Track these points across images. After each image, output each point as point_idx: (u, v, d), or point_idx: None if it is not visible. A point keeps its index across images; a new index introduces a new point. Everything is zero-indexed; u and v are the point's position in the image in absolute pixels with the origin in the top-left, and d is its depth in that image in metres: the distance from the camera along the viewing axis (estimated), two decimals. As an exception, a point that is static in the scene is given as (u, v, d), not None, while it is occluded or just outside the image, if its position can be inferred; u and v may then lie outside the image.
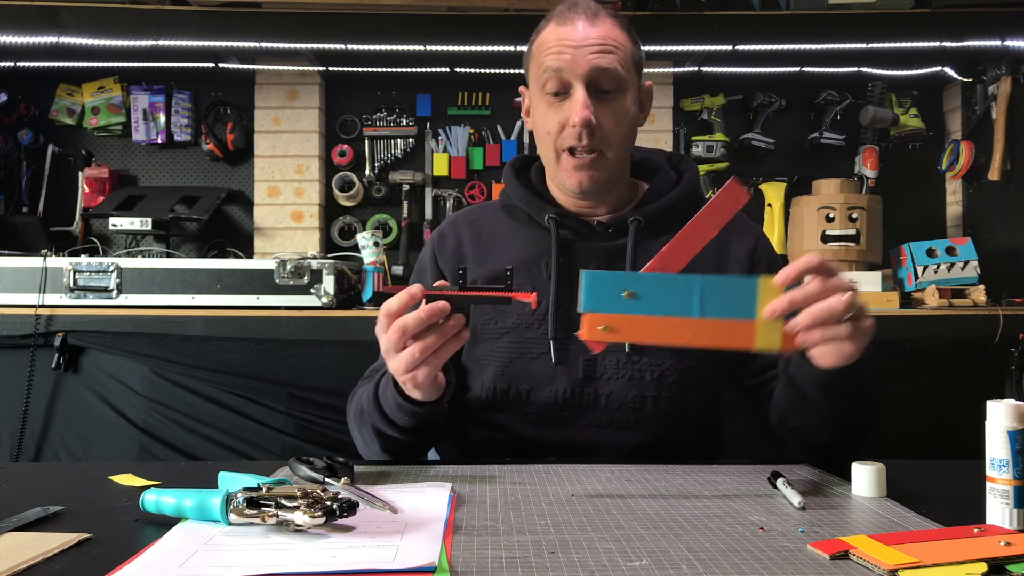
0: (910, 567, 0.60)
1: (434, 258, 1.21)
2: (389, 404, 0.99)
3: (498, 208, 1.25)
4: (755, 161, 2.86)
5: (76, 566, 0.63)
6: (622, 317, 0.82)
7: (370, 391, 1.04)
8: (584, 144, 1.09)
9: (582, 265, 1.15)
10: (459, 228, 1.23)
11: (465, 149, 2.82)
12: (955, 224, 2.81)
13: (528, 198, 1.19)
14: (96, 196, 2.72)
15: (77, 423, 2.17)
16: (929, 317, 2.24)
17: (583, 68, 1.07)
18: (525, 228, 1.19)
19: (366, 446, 1.08)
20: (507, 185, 1.23)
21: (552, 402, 1.11)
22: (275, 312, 2.16)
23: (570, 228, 1.16)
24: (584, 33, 1.08)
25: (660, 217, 1.16)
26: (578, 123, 1.07)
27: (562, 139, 1.10)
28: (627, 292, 0.82)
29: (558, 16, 1.12)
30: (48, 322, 2.14)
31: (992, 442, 0.72)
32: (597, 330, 0.83)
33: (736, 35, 2.47)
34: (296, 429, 2.16)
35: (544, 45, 1.11)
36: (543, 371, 1.11)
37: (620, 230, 1.16)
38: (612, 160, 1.12)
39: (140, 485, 0.88)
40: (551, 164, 1.15)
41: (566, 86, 1.09)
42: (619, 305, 0.82)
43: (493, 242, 1.19)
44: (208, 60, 2.62)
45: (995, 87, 2.60)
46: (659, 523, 0.74)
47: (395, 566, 0.61)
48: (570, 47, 1.08)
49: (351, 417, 1.12)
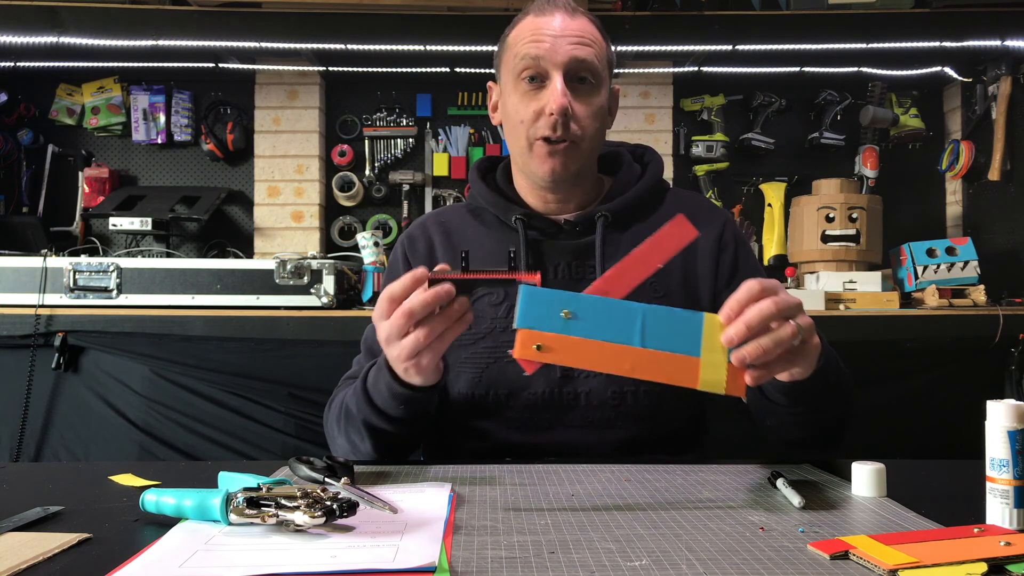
0: (910, 567, 0.60)
1: (406, 260, 1.21)
2: (382, 395, 0.97)
3: (464, 211, 1.24)
4: (755, 161, 2.86)
5: (76, 566, 0.63)
6: (558, 337, 0.79)
7: (357, 388, 1.03)
8: (558, 134, 1.08)
9: (552, 264, 1.15)
10: (429, 230, 1.22)
11: (465, 149, 2.82)
12: (955, 224, 2.82)
13: (494, 199, 1.18)
14: (96, 196, 2.72)
15: (77, 423, 2.17)
16: (929, 317, 2.24)
17: (562, 57, 1.08)
18: (492, 230, 1.19)
19: (352, 448, 1.07)
20: (473, 187, 1.23)
21: (532, 405, 1.11)
22: (275, 312, 2.16)
23: (537, 228, 1.16)
24: (563, 24, 1.09)
25: (627, 211, 1.16)
26: (556, 110, 1.06)
27: (536, 128, 1.10)
28: (565, 312, 0.79)
29: (536, 8, 1.13)
30: (48, 322, 2.14)
31: (992, 442, 0.72)
32: (530, 348, 0.79)
33: (736, 35, 2.47)
34: (296, 429, 2.16)
35: (521, 35, 1.11)
36: (520, 374, 1.10)
37: (588, 227, 1.16)
38: (584, 151, 1.12)
39: (140, 485, 0.88)
40: (522, 153, 1.13)
41: (543, 75, 1.09)
42: (556, 325, 0.79)
43: (463, 244, 1.19)
44: (208, 60, 2.62)
45: (995, 87, 2.60)
46: (659, 523, 0.74)
47: (395, 566, 0.61)
48: (549, 36, 1.08)
49: (332, 423, 1.11)
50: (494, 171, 1.25)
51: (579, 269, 1.15)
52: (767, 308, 0.78)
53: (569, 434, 1.11)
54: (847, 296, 2.32)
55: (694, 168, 2.81)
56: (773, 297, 0.79)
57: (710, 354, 0.79)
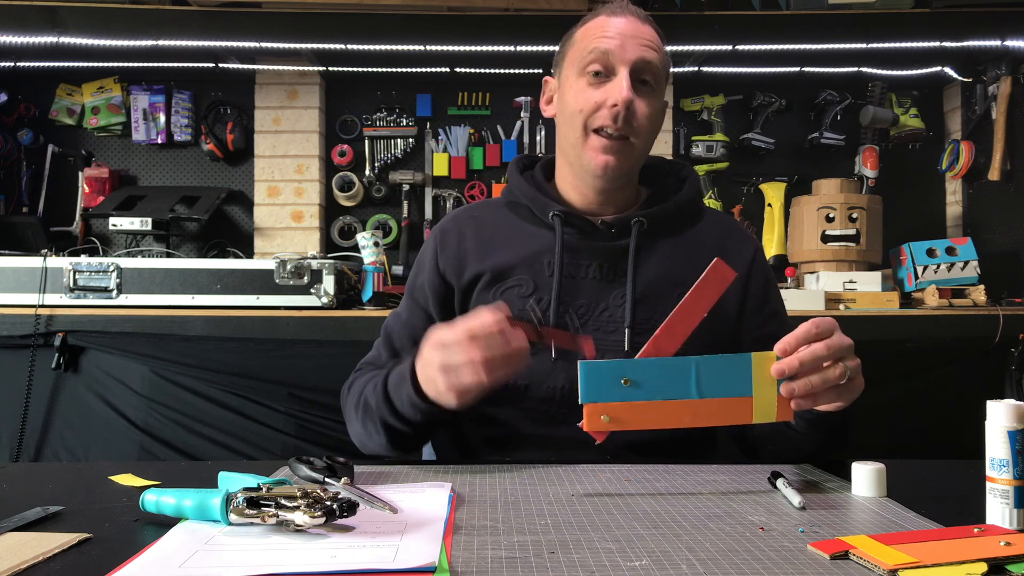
0: (910, 567, 0.60)
1: (435, 254, 1.21)
2: (403, 401, 1.00)
3: (501, 205, 1.25)
4: (755, 161, 2.86)
5: (76, 566, 0.63)
6: (622, 405, 0.84)
7: (378, 386, 1.05)
8: (618, 126, 1.10)
9: (585, 263, 1.15)
10: (461, 225, 1.23)
11: (465, 149, 2.82)
12: (955, 224, 2.81)
13: (533, 194, 1.19)
14: (96, 196, 2.72)
15: (77, 423, 2.17)
16: (929, 317, 2.24)
17: (631, 55, 1.10)
18: (528, 225, 1.19)
19: (368, 437, 1.09)
20: (511, 181, 1.23)
21: (549, 398, 1.12)
22: (275, 312, 2.16)
23: (574, 226, 1.16)
24: (634, 27, 1.12)
25: (663, 220, 1.17)
26: (620, 102, 1.08)
27: (594, 118, 1.11)
28: (624, 380, 0.84)
29: (608, 10, 1.15)
30: (48, 322, 2.14)
31: (992, 442, 0.72)
32: (599, 420, 0.84)
33: (736, 35, 2.47)
34: (296, 429, 2.16)
35: (592, 30, 1.14)
36: (542, 367, 1.11)
37: (623, 231, 1.16)
38: (637, 151, 1.14)
39: (140, 485, 0.88)
40: (576, 144, 1.14)
41: (610, 69, 1.11)
42: (618, 393, 0.84)
43: (496, 239, 1.19)
44: (208, 60, 2.62)
45: (995, 87, 2.60)
46: (659, 523, 0.74)
47: (395, 566, 0.61)
48: (620, 34, 1.11)
49: (350, 408, 1.13)
50: (532, 168, 1.26)
51: (611, 271, 1.15)
52: (819, 351, 0.84)
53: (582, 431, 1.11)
54: (847, 296, 2.32)
55: (694, 168, 2.81)
56: (827, 340, 0.85)
57: (761, 390, 0.85)
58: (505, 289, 1.15)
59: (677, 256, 1.16)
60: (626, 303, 1.12)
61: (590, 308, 1.14)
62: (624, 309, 1.12)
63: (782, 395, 0.84)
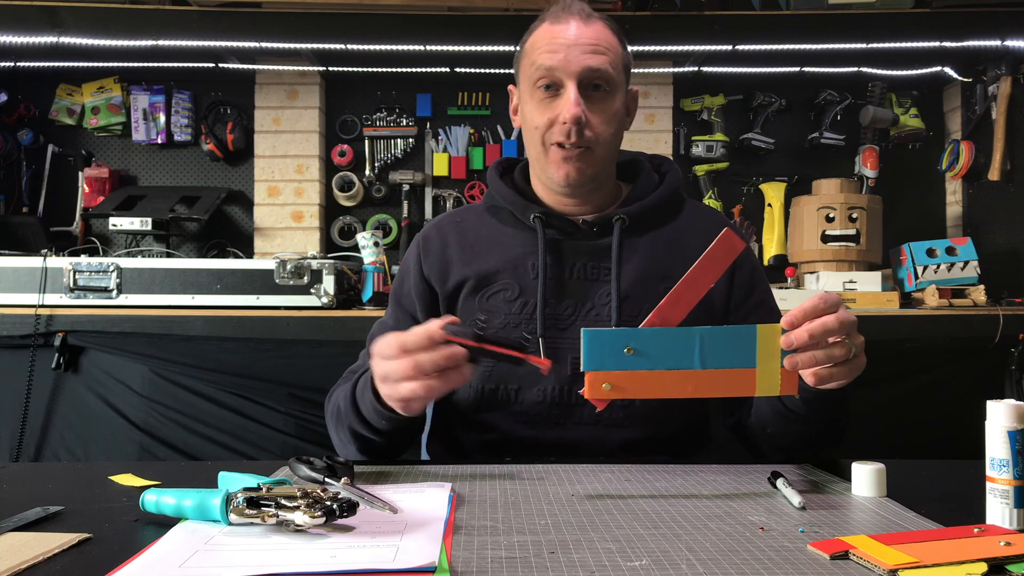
0: (910, 567, 0.60)
1: (419, 260, 1.21)
2: (367, 408, 1.00)
3: (482, 210, 1.25)
4: (755, 161, 2.86)
5: (76, 566, 0.63)
6: (624, 374, 0.83)
7: (347, 392, 1.05)
8: (572, 141, 1.10)
9: (569, 263, 1.15)
10: (444, 231, 1.23)
11: (465, 149, 2.82)
12: (955, 224, 2.81)
13: (513, 198, 1.19)
14: (96, 196, 2.72)
15: (77, 423, 2.17)
16: (929, 317, 2.24)
17: (575, 67, 1.08)
18: (511, 228, 1.19)
19: (343, 446, 1.09)
20: (491, 186, 1.23)
21: (541, 401, 1.12)
22: (275, 312, 2.16)
23: (556, 227, 1.16)
24: (577, 33, 1.10)
25: (644, 216, 1.17)
26: (568, 119, 1.08)
27: (550, 134, 1.11)
28: (628, 348, 0.83)
29: (552, 16, 1.13)
30: (48, 322, 2.14)
31: (992, 442, 0.72)
32: (600, 388, 0.83)
33: (736, 35, 2.46)
34: (296, 429, 2.16)
35: (537, 43, 1.12)
36: (531, 370, 1.11)
37: (605, 228, 1.16)
38: (599, 156, 1.13)
39: (140, 485, 0.88)
40: (539, 158, 1.15)
41: (557, 84, 1.10)
42: (621, 362, 0.83)
43: (479, 244, 1.19)
44: (208, 60, 2.62)
45: (995, 87, 2.60)
46: (659, 523, 0.74)
47: (395, 566, 0.61)
48: (563, 45, 1.09)
49: (329, 417, 1.13)
50: (512, 171, 1.26)
51: (595, 270, 1.15)
52: (830, 323, 0.84)
53: (576, 432, 1.12)
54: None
55: (694, 168, 2.81)
56: (836, 314, 0.85)
57: (765, 363, 0.84)
58: (491, 294, 1.15)
59: (661, 250, 1.16)
60: (611, 301, 1.12)
61: (577, 308, 1.14)
62: (611, 307, 1.12)
63: (785, 368, 0.84)
